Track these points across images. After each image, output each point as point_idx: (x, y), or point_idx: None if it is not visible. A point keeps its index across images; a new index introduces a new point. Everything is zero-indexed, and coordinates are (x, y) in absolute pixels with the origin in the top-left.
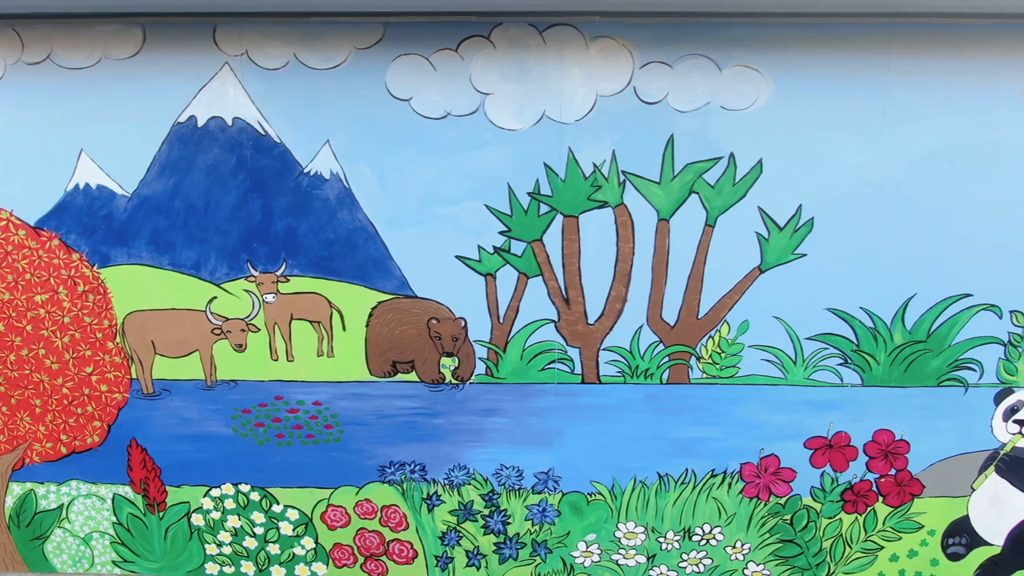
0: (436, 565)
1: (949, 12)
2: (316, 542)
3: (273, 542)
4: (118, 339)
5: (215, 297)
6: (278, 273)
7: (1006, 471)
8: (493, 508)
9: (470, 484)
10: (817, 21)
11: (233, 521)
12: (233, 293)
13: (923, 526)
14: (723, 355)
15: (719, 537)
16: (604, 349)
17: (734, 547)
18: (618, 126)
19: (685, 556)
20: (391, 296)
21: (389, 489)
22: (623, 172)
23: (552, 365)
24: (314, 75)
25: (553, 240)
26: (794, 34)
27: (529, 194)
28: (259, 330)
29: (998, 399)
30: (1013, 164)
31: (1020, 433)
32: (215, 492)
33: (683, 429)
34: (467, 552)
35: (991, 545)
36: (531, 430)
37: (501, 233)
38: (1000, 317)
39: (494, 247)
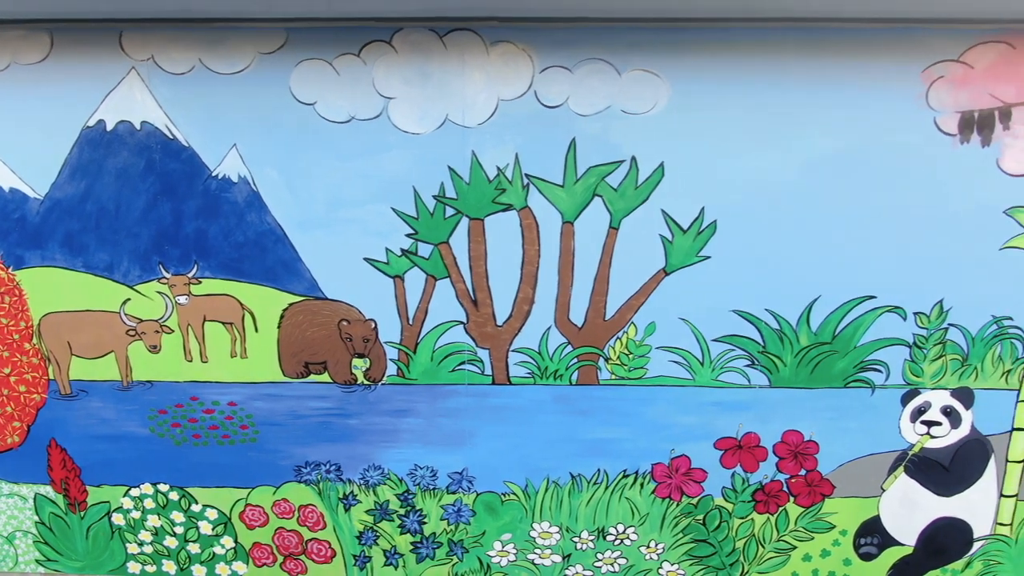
0: (354, 564)
1: (841, 17)
2: (236, 541)
3: (193, 541)
4: (35, 340)
5: (129, 299)
6: (189, 275)
7: (915, 472)
8: (409, 508)
9: (385, 484)
10: (713, 26)
11: (153, 520)
12: (146, 295)
13: (835, 526)
14: (631, 356)
15: (633, 537)
16: (513, 350)
17: (648, 547)
18: (520, 130)
19: (600, 556)
20: (302, 298)
21: (306, 489)
22: (527, 175)
23: (463, 366)
24: (219, 80)
25: (460, 242)
26: (691, 39)
27: (434, 197)
28: (173, 331)
29: (905, 400)
30: (911, 166)
31: (928, 434)
32: (134, 492)
33: (594, 430)
34: (384, 551)
35: (903, 545)
36: (444, 431)
37: (408, 236)
38: (904, 319)
39: (401, 249)
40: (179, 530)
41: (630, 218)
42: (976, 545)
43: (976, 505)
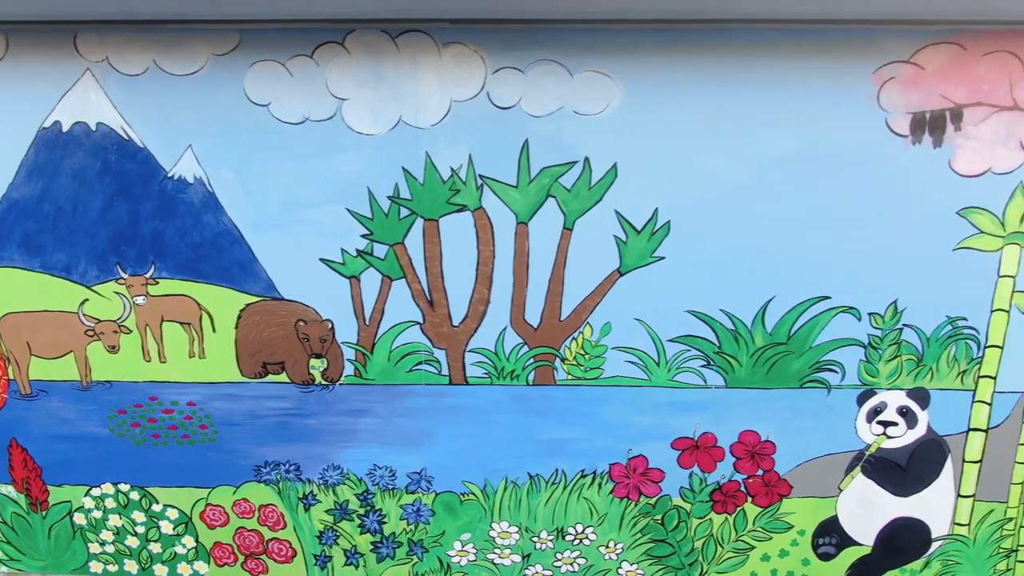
0: (315, 564)
1: (792, 18)
2: (197, 541)
3: (154, 541)
4: None
5: (87, 299)
6: (147, 276)
7: (872, 472)
8: (368, 508)
9: (344, 484)
10: (664, 27)
11: (114, 520)
12: (104, 295)
13: (793, 526)
14: (587, 357)
15: (592, 537)
16: (470, 351)
17: (607, 547)
18: (473, 131)
19: (559, 555)
20: (259, 298)
21: (265, 489)
22: (480, 176)
23: (419, 366)
24: (174, 81)
25: (415, 243)
26: (643, 40)
27: (389, 198)
28: (131, 331)
29: (861, 400)
30: (864, 167)
31: (884, 434)
32: (95, 491)
33: (551, 430)
34: (345, 551)
35: (861, 545)
36: (402, 431)
37: (363, 236)
38: (859, 319)
39: (357, 250)
40: (140, 530)
41: (584, 219)
42: (934, 545)
43: (933, 505)
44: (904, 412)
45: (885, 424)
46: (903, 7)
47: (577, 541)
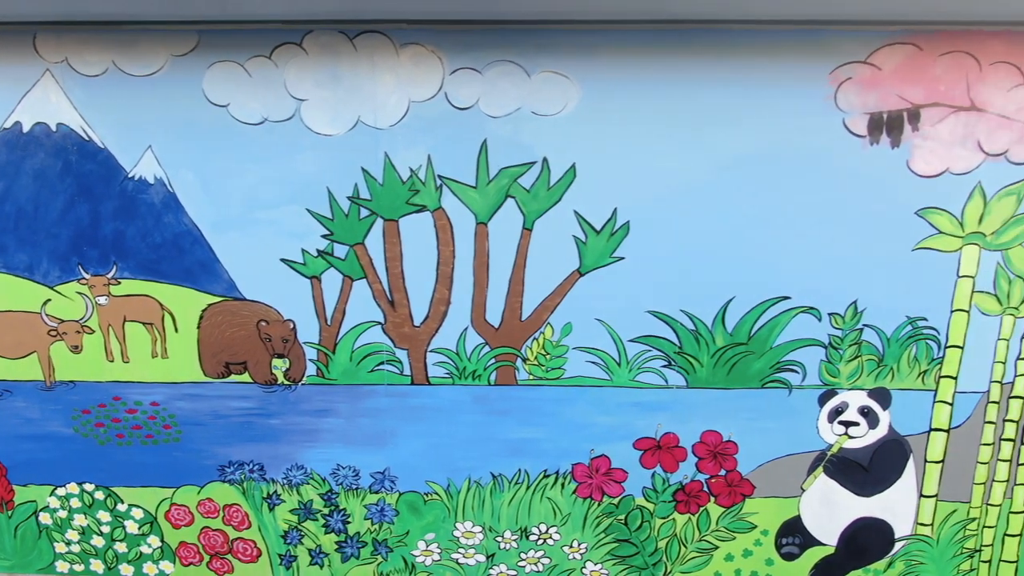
0: (280, 564)
1: (747, 19)
2: (162, 540)
3: (120, 540)
4: None
5: (49, 299)
6: (108, 276)
7: (835, 472)
8: (332, 507)
9: (308, 484)
10: (621, 28)
11: (80, 520)
12: (67, 295)
13: (756, 526)
14: (548, 357)
15: (556, 537)
16: (431, 351)
17: (571, 547)
18: (432, 131)
19: (523, 555)
20: (220, 298)
21: (230, 488)
22: (439, 176)
23: (381, 366)
24: (133, 82)
25: (375, 243)
26: (600, 41)
27: (349, 198)
28: (94, 332)
29: (822, 400)
30: (822, 167)
31: (846, 434)
32: (60, 491)
33: (513, 430)
34: (310, 551)
35: (825, 545)
36: (365, 431)
37: (324, 236)
38: (819, 320)
39: (317, 250)
40: (106, 529)
41: (543, 219)
42: (897, 545)
43: (896, 505)
44: (865, 412)
45: (847, 424)
46: (858, 8)
47: (541, 541)
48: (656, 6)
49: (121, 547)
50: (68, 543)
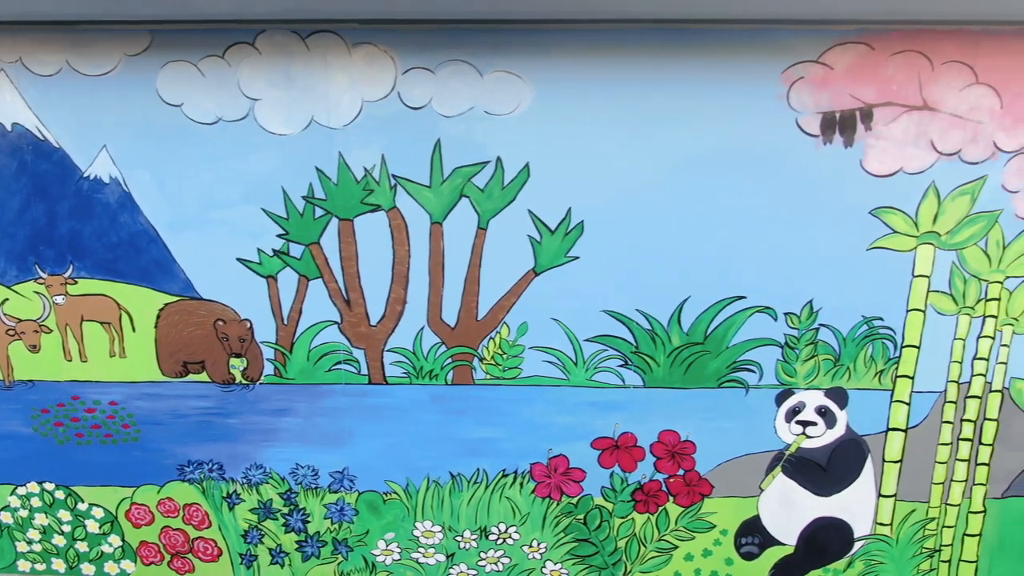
0: (241, 563)
1: (698, 18)
2: (123, 540)
3: (81, 540)
4: None
5: (7, 299)
6: (65, 275)
7: (793, 472)
8: (292, 507)
9: (268, 483)
10: (573, 27)
11: (41, 519)
12: (24, 295)
13: (715, 526)
14: (505, 356)
15: (515, 536)
16: (388, 350)
17: (531, 546)
18: (385, 131)
19: (483, 555)
20: (177, 298)
21: (190, 488)
22: (393, 176)
23: (339, 366)
24: (87, 81)
25: (330, 243)
26: (552, 40)
27: (303, 198)
28: (52, 331)
29: (779, 400)
30: (776, 167)
31: (803, 434)
32: (21, 490)
33: (471, 429)
34: (270, 550)
35: (784, 545)
36: (323, 430)
37: (279, 236)
38: (775, 319)
39: (273, 250)
40: (67, 528)
41: (498, 219)
42: (857, 545)
43: (855, 505)
44: (823, 412)
45: (804, 424)
46: (809, 7)
47: (500, 540)
48: (607, 6)
49: (82, 546)
50: (29, 542)
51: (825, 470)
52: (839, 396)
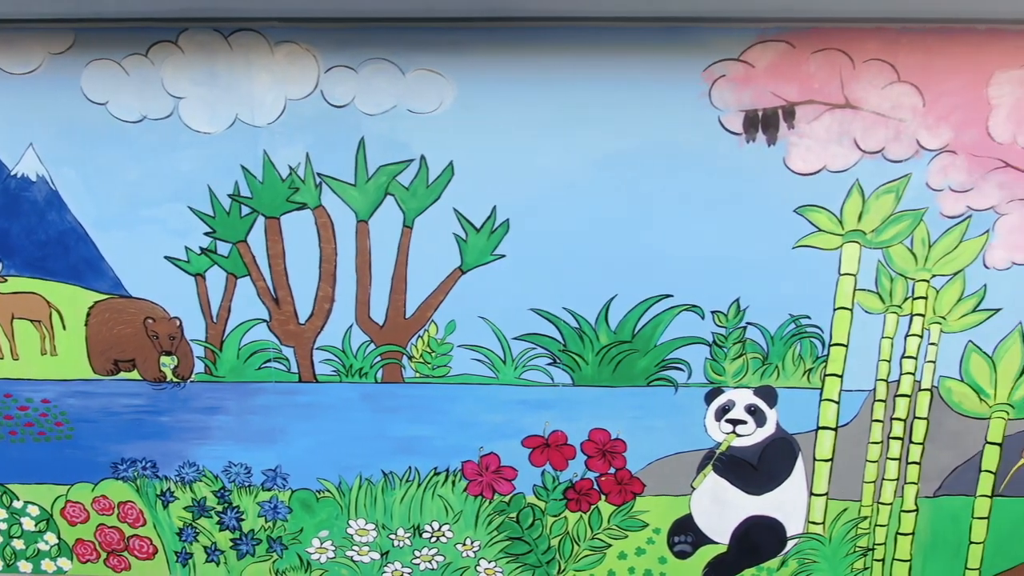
0: (176, 561)
1: (618, 16)
2: (59, 538)
3: (17, 537)
4: None
5: None
6: None
7: (724, 470)
8: (226, 505)
9: (201, 481)
10: (495, 26)
11: None
12: None
13: (648, 524)
14: (433, 355)
15: (448, 534)
16: (317, 348)
17: (464, 544)
18: (310, 129)
19: (417, 553)
20: (107, 296)
21: (124, 486)
22: (319, 174)
23: (269, 364)
24: (12, 80)
25: (257, 241)
26: (472, 38)
27: (229, 196)
28: None
29: (708, 398)
30: (700, 165)
31: (734, 432)
32: None
33: (403, 427)
34: (205, 548)
35: (717, 543)
36: (254, 428)
37: (206, 234)
38: (703, 318)
39: (201, 248)
40: (3, 526)
41: (424, 217)
42: (790, 543)
43: (787, 504)
44: (752, 410)
45: (734, 422)
46: (728, 5)
47: (434, 539)
48: (527, 4)
49: (19, 544)
50: None
51: (756, 469)
52: (768, 395)
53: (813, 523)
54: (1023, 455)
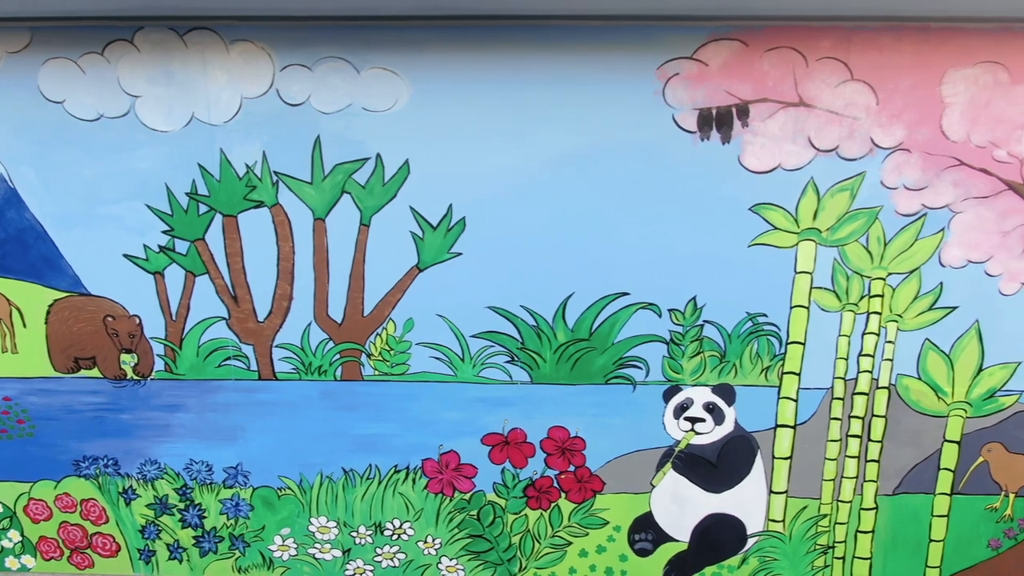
0: (140, 558)
1: (574, 15)
2: (22, 535)
3: None
4: None
5: None
6: None
7: (683, 468)
8: (188, 502)
9: (163, 479)
10: (448, 24)
11: None
12: None
13: (608, 522)
14: (392, 352)
15: (410, 532)
16: (277, 346)
17: (425, 542)
18: (266, 127)
19: (379, 550)
20: (66, 294)
21: (86, 483)
22: (275, 172)
23: (228, 362)
24: None
25: (216, 239)
26: (427, 37)
27: (187, 194)
28: None
29: (667, 396)
30: (655, 163)
31: (692, 430)
32: None
33: (362, 425)
34: (168, 545)
35: (678, 541)
36: (215, 426)
37: (164, 232)
38: (660, 316)
39: (159, 246)
40: None
41: (380, 215)
42: (750, 541)
43: (747, 501)
44: (710, 408)
45: (692, 420)
46: (680, 3)
47: (395, 536)
48: (481, 3)
49: None
50: None
51: (715, 467)
52: (726, 393)
53: (773, 521)
54: (981, 453)
